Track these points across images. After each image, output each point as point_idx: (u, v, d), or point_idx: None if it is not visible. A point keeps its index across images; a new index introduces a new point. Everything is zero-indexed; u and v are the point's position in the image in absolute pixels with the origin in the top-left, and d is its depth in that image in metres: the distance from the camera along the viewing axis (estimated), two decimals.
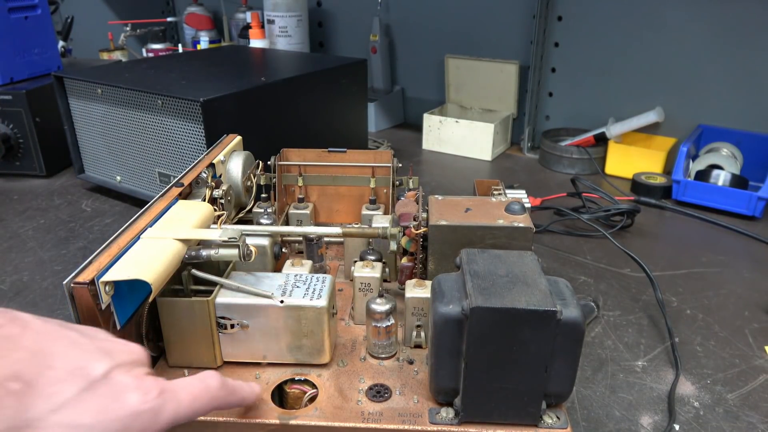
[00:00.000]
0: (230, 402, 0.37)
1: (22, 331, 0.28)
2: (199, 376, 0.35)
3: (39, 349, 0.27)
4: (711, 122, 0.99)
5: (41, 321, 0.29)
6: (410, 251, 0.52)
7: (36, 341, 0.28)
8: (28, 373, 0.26)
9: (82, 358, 0.29)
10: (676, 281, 0.70)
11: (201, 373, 0.35)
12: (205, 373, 0.35)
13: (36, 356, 0.27)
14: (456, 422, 0.40)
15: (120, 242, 0.41)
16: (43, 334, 0.28)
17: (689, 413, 0.50)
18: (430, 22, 1.25)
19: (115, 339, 0.33)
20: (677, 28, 0.98)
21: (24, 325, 0.28)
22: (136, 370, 0.31)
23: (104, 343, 0.31)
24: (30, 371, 0.27)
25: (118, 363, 0.30)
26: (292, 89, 0.86)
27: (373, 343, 0.46)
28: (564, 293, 0.39)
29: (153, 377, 0.32)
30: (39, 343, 0.28)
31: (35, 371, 0.27)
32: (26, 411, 0.26)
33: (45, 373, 0.27)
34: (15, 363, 0.26)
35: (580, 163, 1.04)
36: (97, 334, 0.32)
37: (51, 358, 0.28)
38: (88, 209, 0.89)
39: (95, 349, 0.30)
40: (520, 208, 0.50)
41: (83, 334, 0.31)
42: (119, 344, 0.32)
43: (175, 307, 0.43)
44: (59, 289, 0.67)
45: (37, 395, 0.26)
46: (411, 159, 1.12)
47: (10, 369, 0.26)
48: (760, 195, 0.84)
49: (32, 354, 0.27)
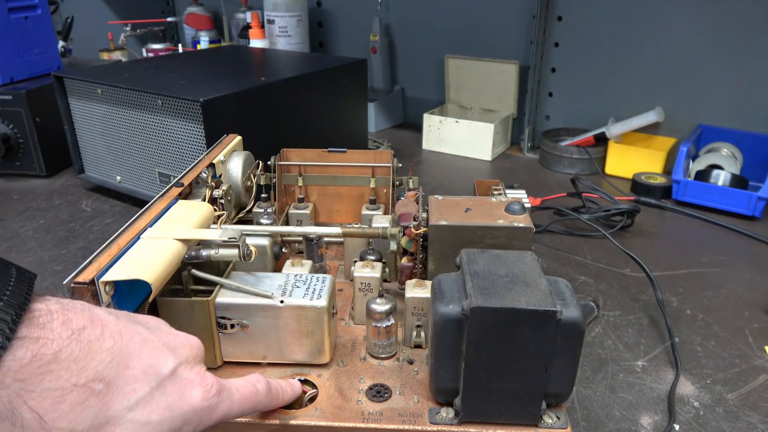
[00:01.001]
0: (273, 405, 0.39)
1: (102, 332, 0.29)
2: (249, 379, 0.37)
3: (118, 350, 0.29)
4: (711, 122, 0.99)
5: (114, 317, 0.31)
6: (410, 251, 0.52)
7: (115, 342, 0.29)
8: (109, 374, 0.28)
9: (152, 356, 0.31)
10: (676, 281, 0.70)
11: (251, 376, 0.37)
12: (255, 376, 0.38)
13: (116, 357, 0.29)
14: (456, 422, 0.40)
15: (120, 242, 0.41)
16: (119, 334, 0.30)
17: (689, 413, 0.50)
18: (430, 22, 1.25)
19: (175, 332, 0.35)
20: (677, 28, 0.98)
21: (103, 325, 0.29)
22: (197, 367, 0.34)
23: (168, 337, 0.33)
24: (110, 372, 0.29)
25: (183, 360, 0.33)
26: (292, 89, 0.86)
27: (373, 343, 0.46)
28: (564, 293, 0.39)
29: (211, 375, 0.34)
30: (117, 344, 0.29)
31: (115, 372, 0.29)
32: (107, 409, 0.28)
33: (123, 373, 0.29)
34: (98, 365, 0.28)
35: (580, 163, 1.04)
36: (161, 327, 0.34)
37: (128, 358, 0.30)
38: (88, 209, 0.89)
39: (162, 345, 0.32)
40: (520, 208, 0.50)
41: (149, 328, 0.33)
42: (180, 338, 0.34)
43: (175, 307, 0.43)
44: (59, 289, 0.67)
45: (116, 394, 0.29)
46: (411, 159, 1.12)
47: (94, 371, 0.28)
48: (760, 195, 0.84)
49: (113, 356, 0.29)
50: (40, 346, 0.26)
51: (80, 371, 0.27)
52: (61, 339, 0.27)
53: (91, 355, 0.28)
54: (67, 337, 0.27)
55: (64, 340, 0.27)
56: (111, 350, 0.29)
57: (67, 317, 0.28)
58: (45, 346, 0.26)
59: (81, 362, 0.27)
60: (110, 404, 0.28)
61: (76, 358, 0.27)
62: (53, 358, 0.26)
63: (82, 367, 0.27)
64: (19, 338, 0.26)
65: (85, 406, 0.27)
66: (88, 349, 0.28)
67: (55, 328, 0.27)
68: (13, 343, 0.25)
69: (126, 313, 0.33)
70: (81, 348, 0.27)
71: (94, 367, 0.28)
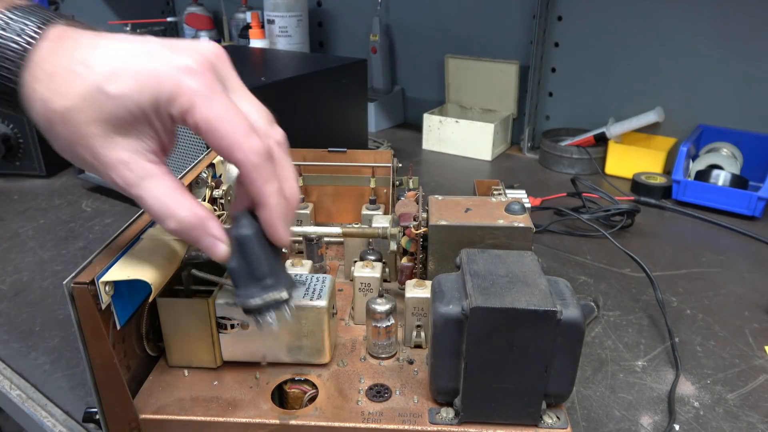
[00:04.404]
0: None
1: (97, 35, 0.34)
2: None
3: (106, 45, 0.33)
4: (711, 122, 0.99)
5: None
6: (410, 251, 0.52)
7: (105, 39, 0.33)
8: (91, 59, 0.32)
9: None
10: (676, 281, 0.70)
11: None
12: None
13: (99, 48, 0.33)
14: (456, 422, 0.40)
15: (120, 242, 0.41)
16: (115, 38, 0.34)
17: (689, 413, 0.50)
18: (430, 22, 1.25)
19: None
20: (677, 28, 0.98)
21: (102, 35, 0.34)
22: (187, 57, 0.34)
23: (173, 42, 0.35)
24: (93, 58, 0.32)
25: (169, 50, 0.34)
26: (292, 89, 0.86)
27: (373, 343, 0.46)
28: (564, 293, 0.39)
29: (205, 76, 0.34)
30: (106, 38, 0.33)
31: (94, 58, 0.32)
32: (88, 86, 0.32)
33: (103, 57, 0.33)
34: (85, 54, 0.32)
35: (580, 163, 1.04)
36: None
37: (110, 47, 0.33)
38: (88, 209, 0.89)
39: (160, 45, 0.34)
40: (520, 208, 0.50)
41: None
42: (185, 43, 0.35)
43: (175, 307, 0.43)
44: (59, 289, 0.67)
45: (92, 73, 0.32)
46: (411, 159, 1.12)
47: (80, 58, 0.32)
48: (760, 195, 0.84)
49: (96, 46, 0.32)
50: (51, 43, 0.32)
51: (71, 57, 0.31)
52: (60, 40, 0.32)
53: (79, 49, 0.32)
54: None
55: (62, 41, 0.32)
56: (95, 44, 0.32)
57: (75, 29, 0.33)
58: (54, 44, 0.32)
59: (71, 52, 0.32)
60: (88, 80, 0.31)
61: (70, 48, 0.32)
62: (52, 53, 0.32)
63: (71, 55, 0.32)
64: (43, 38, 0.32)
65: (72, 83, 0.31)
66: (76, 45, 0.32)
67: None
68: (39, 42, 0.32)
69: None
70: (73, 44, 0.32)
71: (80, 55, 0.32)
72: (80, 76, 0.31)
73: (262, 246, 0.35)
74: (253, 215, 0.35)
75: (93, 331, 0.37)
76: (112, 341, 0.39)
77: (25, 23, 0.32)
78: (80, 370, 0.54)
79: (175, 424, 0.41)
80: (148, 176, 0.33)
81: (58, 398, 0.51)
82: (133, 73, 0.31)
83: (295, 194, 0.36)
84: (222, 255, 0.35)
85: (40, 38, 0.32)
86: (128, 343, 0.43)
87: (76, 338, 0.38)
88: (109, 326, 0.38)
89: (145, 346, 0.45)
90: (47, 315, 0.62)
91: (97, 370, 0.39)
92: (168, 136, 0.33)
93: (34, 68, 0.31)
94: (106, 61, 0.31)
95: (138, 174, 0.32)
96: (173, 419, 0.41)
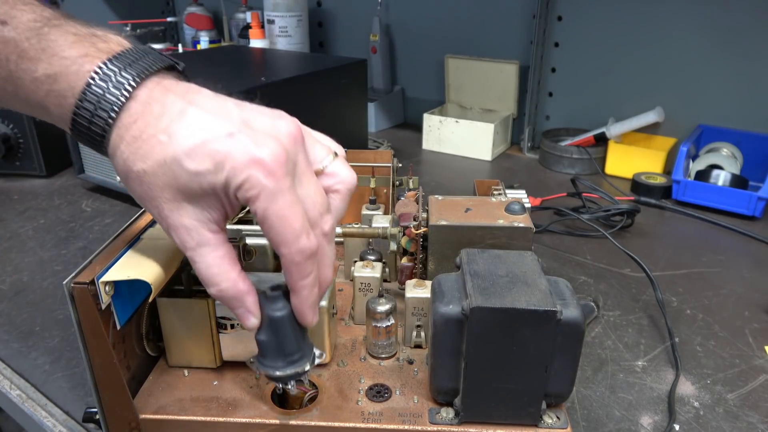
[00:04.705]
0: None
1: (185, 103, 0.34)
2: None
3: (191, 115, 0.34)
4: (711, 122, 0.99)
5: (211, 96, 0.36)
6: (410, 251, 0.52)
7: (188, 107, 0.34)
8: (173, 130, 0.34)
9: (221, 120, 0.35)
10: (676, 281, 0.70)
11: None
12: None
13: (184, 119, 0.34)
14: (456, 422, 0.40)
15: (120, 242, 0.41)
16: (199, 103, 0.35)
17: (689, 413, 0.50)
18: (430, 22, 1.25)
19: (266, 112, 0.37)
20: (677, 28, 0.98)
21: (191, 100, 0.34)
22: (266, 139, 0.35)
23: (251, 113, 0.36)
24: (174, 128, 0.34)
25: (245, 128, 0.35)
26: (292, 89, 0.86)
27: (373, 343, 0.46)
28: (564, 293, 0.39)
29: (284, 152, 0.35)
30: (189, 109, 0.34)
31: (177, 128, 0.34)
32: (166, 154, 0.33)
33: (184, 129, 0.34)
34: (168, 122, 0.33)
35: (580, 163, 1.04)
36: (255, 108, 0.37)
37: (192, 119, 0.34)
38: (88, 209, 0.89)
39: (240, 118, 0.35)
40: (520, 208, 0.50)
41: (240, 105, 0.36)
42: (266, 116, 0.36)
43: (175, 307, 0.43)
44: (59, 289, 0.67)
45: (174, 143, 0.33)
46: (411, 159, 1.12)
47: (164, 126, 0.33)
48: (760, 195, 0.84)
49: (182, 116, 0.34)
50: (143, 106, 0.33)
51: (156, 125, 0.33)
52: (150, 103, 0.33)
53: (165, 115, 0.33)
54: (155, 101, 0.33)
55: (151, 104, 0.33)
56: (181, 112, 0.33)
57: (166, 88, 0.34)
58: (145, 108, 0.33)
59: (157, 118, 0.33)
60: (168, 150, 0.32)
61: (156, 114, 0.33)
62: (140, 116, 0.33)
63: (156, 123, 0.33)
64: (133, 98, 0.33)
65: (153, 149, 0.33)
66: (163, 111, 0.33)
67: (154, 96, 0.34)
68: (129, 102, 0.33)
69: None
70: (160, 108, 0.33)
71: (165, 123, 0.33)
72: (162, 144, 0.32)
73: (292, 325, 0.38)
74: (286, 294, 0.38)
75: (93, 331, 0.37)
76: (112, 341, 0.39)
77: (124, 76, 0.33)
78: (80, 370, 0.54)
79: (175, 424, 0.41)
80: (206, 244, 0.35)
81: (58, 398, 0.51)
82: (211, 154, 0.32)
83: (328, 280, 0.39)
84: (251, 327, 0.38)
85: (131, 97, 0.33)
86: (128, 343, 0.43)
87: (76, 338, 0.38)
88: (109, 326, 0.38)
89: (145, 346, 0.45)
90: (47, 315, 0.62)
91: (97, 370, 0.39)
92: (232, 208, 0.35)
93: (121, 127, 0.33)
94: (188, 137, 0.32)
95: (197, 241, 0.35)
96: (173, 419, 0.41)
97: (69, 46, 0.33)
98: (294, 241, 0.34)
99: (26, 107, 0.35)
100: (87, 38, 0.34)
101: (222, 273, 0.35)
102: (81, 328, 0.37)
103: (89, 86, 0.32)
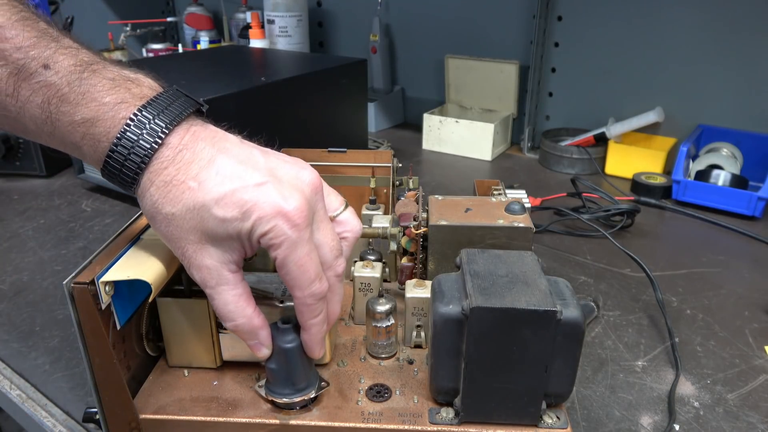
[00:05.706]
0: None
1: (214, 152, 0.36)
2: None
3: (220, 163, 0.36)
4: (711, 122, 0.99)
5: (237, 144, 0.38)
6: (410, 251, 0.52)
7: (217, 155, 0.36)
8: (202, 177, 0.36)
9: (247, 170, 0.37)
10: (676, 281, 0.70)
11: None
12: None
13: (213, 166, 0.35)
14: (456, 422, 0.40)
15: (120, 242, 0.41)
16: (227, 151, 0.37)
17: (689, 413, 0.50)
18: (430, 22, 1.25)
19: (287, 160, 0.39)
20: (677, 28, 0.98)
21: (220, 149, 0.36)
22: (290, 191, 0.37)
23: (275, 162, 0.38)
24: (203, 175, 0.36)
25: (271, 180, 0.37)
26: (292, 89, 0.86)
27: (373, 343, 0.46)
28: (564, 293, 0.39)
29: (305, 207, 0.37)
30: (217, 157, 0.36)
31: (206, 175, 0.36)
32: (195, 199, 0.35)
33: (214, 177, 0.35)
34: (197, 169, 0.35)
35: (580, 163, 1.04)
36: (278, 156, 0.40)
37: (223, 167, 0.36)
38: (88, 209, 0.89)
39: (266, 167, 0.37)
40: (520, 208, 0.50)
41: (264, 152, 0.39)
42: (288, 166, 0.39)
43: (175, 307, 0.43)
44: (59, 289, 0.67)
45: (203, 189, 0.35)
46: (411, 159, 1.12)
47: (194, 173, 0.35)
48: (760, 195, 0.84)
49: (210, 164, 0.35)
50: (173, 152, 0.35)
51: (186, 171, 0.34)
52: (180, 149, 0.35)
53: (195, 162, 0.35)
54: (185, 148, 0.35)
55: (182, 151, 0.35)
56: (211, 159, 0.35)
57: (197, 136, 0.36)
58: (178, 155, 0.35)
59: (187, 165, 0.35)
60: (198, 197, 0.34)
61: (187, 161, 0.35)
62: (171, 162, 0.35)
63: (186, 169, 0.34)
64: (164, 144, 0.34)
65: (183, 194, 0.34)
66: (193, 158, 0.35)
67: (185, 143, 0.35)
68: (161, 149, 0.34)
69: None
70: (191, 155, 0.35)
71: (195, 171, 0.34)
72: (192, 190, 0.34)
73: (301, 356, 0.40)
74: (297, 328, 0.40)
75: (93, 331, 0.37)
76: (112, 341, 0.39)
77: (157, 123, 0.34)
78: (80, 370, 0.54)
79: (175, 424, 0.41)
80: (225, 283, 0.37)
81: (58, 398, 0.51)
82: (239, 203, 0.34)
83: (336, 315, 0.42)
84: (262, 357, 0.40)
85: (163, 144, 0.34)
86: (128, 343, 0.43)
87: (76, 338, 0.38)
88: (109, 326, 0.38)
89: (145, 346, 0.45)
90: (47, 315, 0.62)
91: (97, 370, 0.39)
92: (252, 250, 0.37)
93: (152, 172, 0.35)
94: (218, 185, 0.34)
95: (216, 280, 0.37)
96: (173, 419, 0.41)
97: (106, 92, 0.34)
98: (308, 287, 0.37)
99: (60, 145, 0.36)
100: (122, 84, 0.35)
101: (238, 310, 0.38)
102: (81, 328, 0.37)
103: (124, 132, 0.34)
